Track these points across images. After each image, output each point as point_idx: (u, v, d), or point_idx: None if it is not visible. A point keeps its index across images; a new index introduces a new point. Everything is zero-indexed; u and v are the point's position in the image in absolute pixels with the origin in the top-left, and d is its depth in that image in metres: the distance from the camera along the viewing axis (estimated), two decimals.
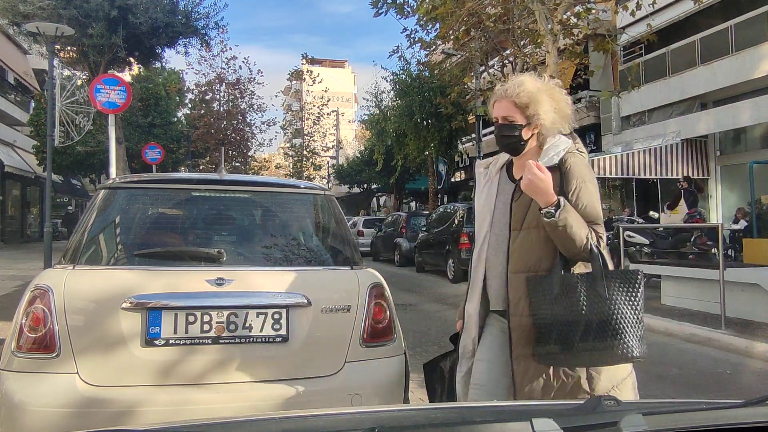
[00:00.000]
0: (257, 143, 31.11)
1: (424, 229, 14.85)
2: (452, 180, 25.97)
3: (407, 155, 19.91)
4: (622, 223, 10.75)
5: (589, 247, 1.89)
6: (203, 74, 28.60)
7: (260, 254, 2.72)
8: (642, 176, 14.76)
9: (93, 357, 2.28)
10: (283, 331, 2.45)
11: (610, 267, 1.93)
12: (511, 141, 2.05)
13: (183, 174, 7.27)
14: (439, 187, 22.31)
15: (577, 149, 2.04)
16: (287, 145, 38.10)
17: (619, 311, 1.84)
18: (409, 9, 12.30)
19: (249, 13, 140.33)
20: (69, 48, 15.18)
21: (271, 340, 2.43)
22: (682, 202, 11.48)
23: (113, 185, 2.88)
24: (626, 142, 15.97)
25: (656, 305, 7.88)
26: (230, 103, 28.54)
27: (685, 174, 13.33)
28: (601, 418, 1.07)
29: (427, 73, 19.12)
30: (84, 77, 15.72)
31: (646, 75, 15.60)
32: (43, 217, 14.19)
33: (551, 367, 1.94)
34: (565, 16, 11.06)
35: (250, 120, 29.51)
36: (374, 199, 37.41)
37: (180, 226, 2.88)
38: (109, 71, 14.33)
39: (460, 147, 20.62)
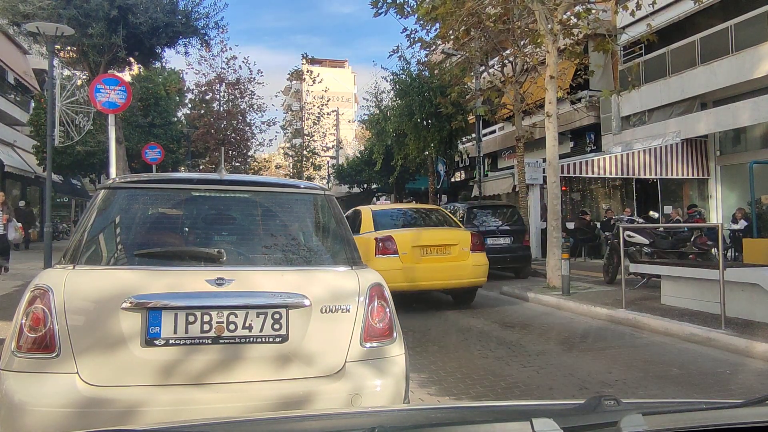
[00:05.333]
0: (257, 143, 31.18)
1: None
2: (452, 180, 25.95)
3: (407, 155, 19.88)
4: (622, 223, 10.75)
5: None
6: (203, 74, 28.71)
7: (260, 254, 2.72)
8: (642, 176, 14.78)
9: (93, 357, 2.28)
10: (282, 331, 2.45)
11: None
12: None
13: (183, 174, 7.25)
14: (437, 187, 22.29)
15: None
16: (287, 145, 38.09)
17: None
18: (409, 9, 12.28)
19: (251, 14, 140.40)
20: (69, 48, 15.18)
21: (271, 340, 2.43)
22: None
23: (113, 185, 2.86)
24: (626, 142, 15.97)
25: (656, 305, 7.87)
26: (230, 103, 28.56)
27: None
28: (601, 418, 1.07)
29: (427, 73, 19.10)
30: (84, 77, 15.72)
31: (646, 75, 15.61)
32: (43, 217, 14.17)
33: None
34: (565, 16, 11.05)
35: (250, 120, 29.57)
36: (374, 199, 37.39)
37: (180, 226, 2.87)
38: (109, 71, 14.33)
39: (460, 147, 20.60)
